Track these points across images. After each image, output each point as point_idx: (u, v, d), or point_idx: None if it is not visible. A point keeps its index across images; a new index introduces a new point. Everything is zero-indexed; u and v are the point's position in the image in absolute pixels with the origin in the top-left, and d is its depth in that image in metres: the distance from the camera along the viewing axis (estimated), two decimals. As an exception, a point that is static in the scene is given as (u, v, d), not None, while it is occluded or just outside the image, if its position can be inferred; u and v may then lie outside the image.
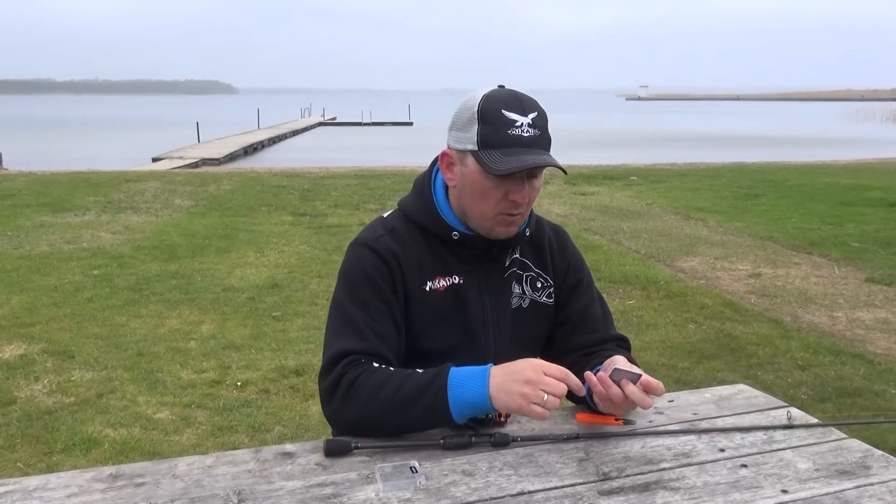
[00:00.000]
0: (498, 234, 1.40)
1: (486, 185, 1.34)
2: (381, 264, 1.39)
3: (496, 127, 1.31)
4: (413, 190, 1.49)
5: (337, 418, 1.33)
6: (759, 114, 76.25)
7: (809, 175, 13.58)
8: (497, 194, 1.34)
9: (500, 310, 1.46)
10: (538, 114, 1.34)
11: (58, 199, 10.20)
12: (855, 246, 7.29)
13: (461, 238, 1.42)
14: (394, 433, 1.28)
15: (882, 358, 4.31)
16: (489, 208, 1.36)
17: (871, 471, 1.20)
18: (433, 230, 1.43)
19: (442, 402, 1.25)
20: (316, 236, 7.87)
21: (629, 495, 1.12)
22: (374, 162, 17.16)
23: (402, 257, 1.40)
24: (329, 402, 1.33)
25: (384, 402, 1.27)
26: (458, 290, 1.43)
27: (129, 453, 3.12)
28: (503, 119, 1.31)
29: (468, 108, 1.34)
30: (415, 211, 1.46)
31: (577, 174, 13.72)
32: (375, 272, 1.39)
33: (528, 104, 1.33)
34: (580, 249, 1.63)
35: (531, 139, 1.31)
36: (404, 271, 1.40)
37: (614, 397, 1.26)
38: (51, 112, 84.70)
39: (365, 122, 48.88)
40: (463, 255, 1.44)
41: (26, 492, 1.11)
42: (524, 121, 1.31)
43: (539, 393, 1.20)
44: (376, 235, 1.43)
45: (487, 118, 1.31)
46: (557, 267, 1.53)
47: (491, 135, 1.31)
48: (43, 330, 4.70)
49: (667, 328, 4.84)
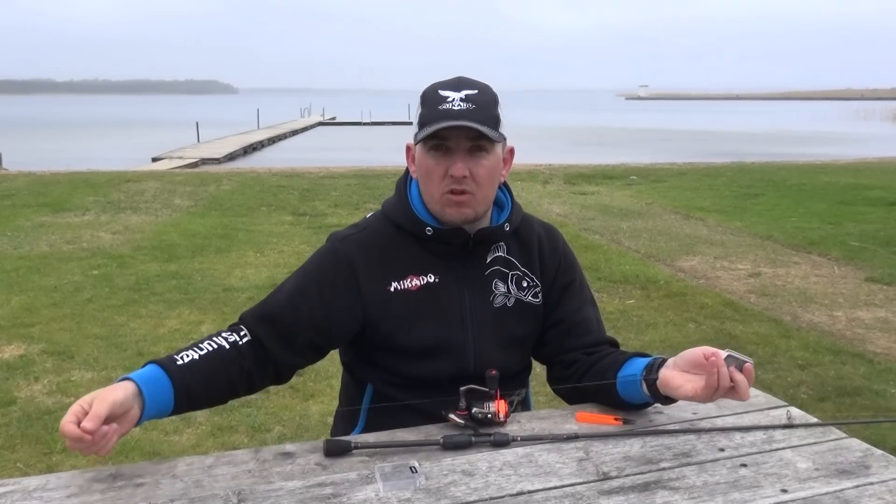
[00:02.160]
0: (450, 216, 1.40)
1: (428, 163, 1.37)
2: (331, 264, 1.43)
3: (430, 106, 1.35)
4: (395, 190, 1.51)
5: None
6: (759, 113, 76.25)
7: (809, 174, 13.57)
8: (438, 172, 1.36)
9: (479, 306, 1.45)
10: (478, 91, 1.36)
11: (57, 200, 10.19)
12: (855, 245, 7.29)
13: (435, 234, 1.42)
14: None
15: (882, 357, 4.31)
16: (435, 188, 1.38)
17: (870, 470, 1.20)
18: (408, 227, 1.44)
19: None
20: (316, 236, 7.86)
21: (629, 495, 1.12)
22: (373, 162, 17.15)
23: (357, 261, 1.42)
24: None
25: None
26: (433, 288, 1.43)
27: (128, 453, 3.11)
28: (437, 97, 1.35)
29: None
30: (392, 209, 1.48)
31: (576, 174, 13.72)
32: (328, 273, 1.43)
33: (466, 82, 1.37)
34: (580, 249, 1.64)
35: (460, 112, 1.33)
36: (358, 274, 1.41)
37: (723, 380, 1.21)
38: (51, 112, 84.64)
39: (365, 121, 48.85)
40: (440, 252, 1.44)
41: (26, 492, 1.11)
42: (455, 96, 1.34)
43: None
44: (346, 234, 1.48)
45: (426, 100, 1.37)
46: (547, 266, 1.51)
47: (426, 115, 1.35)
48: (43, 330, 4.70)
49: (666, 328, 4.84)
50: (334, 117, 54.96)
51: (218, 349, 1.34)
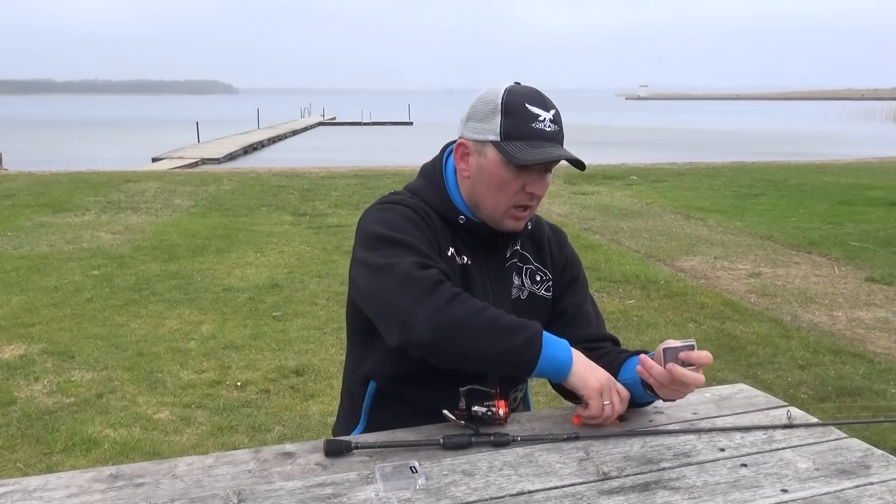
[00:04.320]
0: (507, 226, 1.42)
1: (505, 175, 1.35)
2: (415, 216, 1.39)
3: (520, 120, 1.34)
4: (421, 175, 1.50)
5: (435, 319, 1.22)
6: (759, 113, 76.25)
7: (809, 174, 13.58)
8: (515, 186, 1.36)
9: (500, 298, 1.47)
10: (556, 111, 1.38)
11: (58, 200, 10.20)
12: (855, 245, 7.29)
13: (467, 223, 1.43)
14: (474, 356, 1.26)
15: (882, 357, 4.31)
16: (504, 200, 1.38)
17: (870, 470, 1.20)
18: (442, 212, 1.44)
19: (535, 347, 1.27)
20: (316, 236, 7.87)
21: (629, 495, 1.12)
22: (373, 162, 17.16)
23: (430, 216, 1.41)
24: (427, 300, 1.23)
25: (487, 322, 1.25)
26: (467, 270, 1.44)
27: (129, 453, 3.12)
28: (527, 113, 1.34)
29: (489, 100, 1.37)
30: (424, 193, 1.46)
31: (576, 174, 13.71)
32: (415, 218, 1.39)
33: (548, 101, 1.38)
34: (580, 249, 1.65)
35: (552, 134, 1.35)
36: (436, 228, 1.41)
37: (660, 378, 1.28)
38: (51, 112, 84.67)
39: (365, 121, 48.87)
40: (467, 240, 1.45)
41: (26, 492, 1.11)
42: (547, 116, 1.35)
43: (607, 400, 1.30)
44: (400, 197, 1.44)
45: (511, 111, 1.34)
46: (556, 261, 1.56)
47: (514, 126, 1.34)
48: (43, 330, 4.70)
49: (667, 328, 4.84)
50: (334, 117, 54.99)
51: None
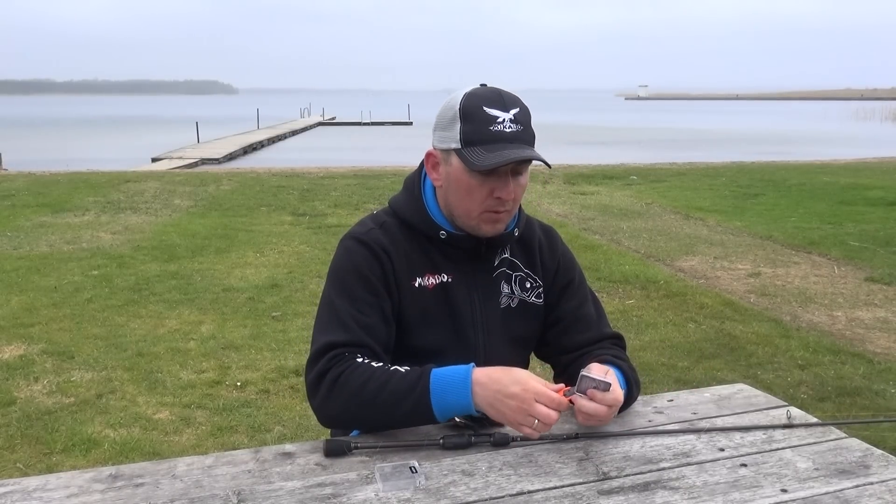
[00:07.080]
0: (485, 231, 1.40)
1: (471, 182, 1.34)
2: (370, 257, 1.39)
3: (478, 124, 1.32)
4: (403, 189, 1.50)
5: (322, 412, 1.34)
6: (759, 113, 76.25)
7: (809, 174, 13.58)
8: (482, 191, 1.34)
9: (488, 309, 1.46)
10: (520, 109, 1.34)
11: (57, 200, 10.19)
12: (854, 245, 7.29)
13: (449, 237, 1.43)
14: (379, 429, 1.30)
15: (882, 357, 4.31)
16: (475, 206, 1.37)
17: (870, 470, 1.20)
18: (421, 228, 1.43)
19: (425, 406, 1.26)
20: (315, 236, 7.87)
21: (629, 495, 1.12)
22: (373, 162, 17.16)
23: (392, 251, 1.41)
24: (314, 396, 1.33)
25: (367, 401, 1.27)
26: (447, 287, 1.43)
27: (128, 454, 3.12)
28: (484, 115, 1.32)
29: (450, 107, 1.35)
30: (404, 209, 1.46)
31: (576, 174, 13.72)
32: (365, 265, 1.39)
33: (509, 100, 1.34)
34: (580, 249, 1.64)
35: (513, 134, 1.32)
36: (395, 264, 1.40)
37: (578, 412, 1.28)
38: (50, 112, 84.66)
39: (364, 121, 48.85)
40: (451, 254, 1.44)
41: (26, 492, 1.11)
42: (506, 116, 1.32)
43: (529, 418, 1.22)
44: (366, 229, 1.44)
45: (469, 116, 1.32)
46: (547, 267, 1.54)
47: (473, 132, 1.32)
48: (42, 330, 4.70)
49: (666, 328, 4.84)
50: (334, 117, 54.96)
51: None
